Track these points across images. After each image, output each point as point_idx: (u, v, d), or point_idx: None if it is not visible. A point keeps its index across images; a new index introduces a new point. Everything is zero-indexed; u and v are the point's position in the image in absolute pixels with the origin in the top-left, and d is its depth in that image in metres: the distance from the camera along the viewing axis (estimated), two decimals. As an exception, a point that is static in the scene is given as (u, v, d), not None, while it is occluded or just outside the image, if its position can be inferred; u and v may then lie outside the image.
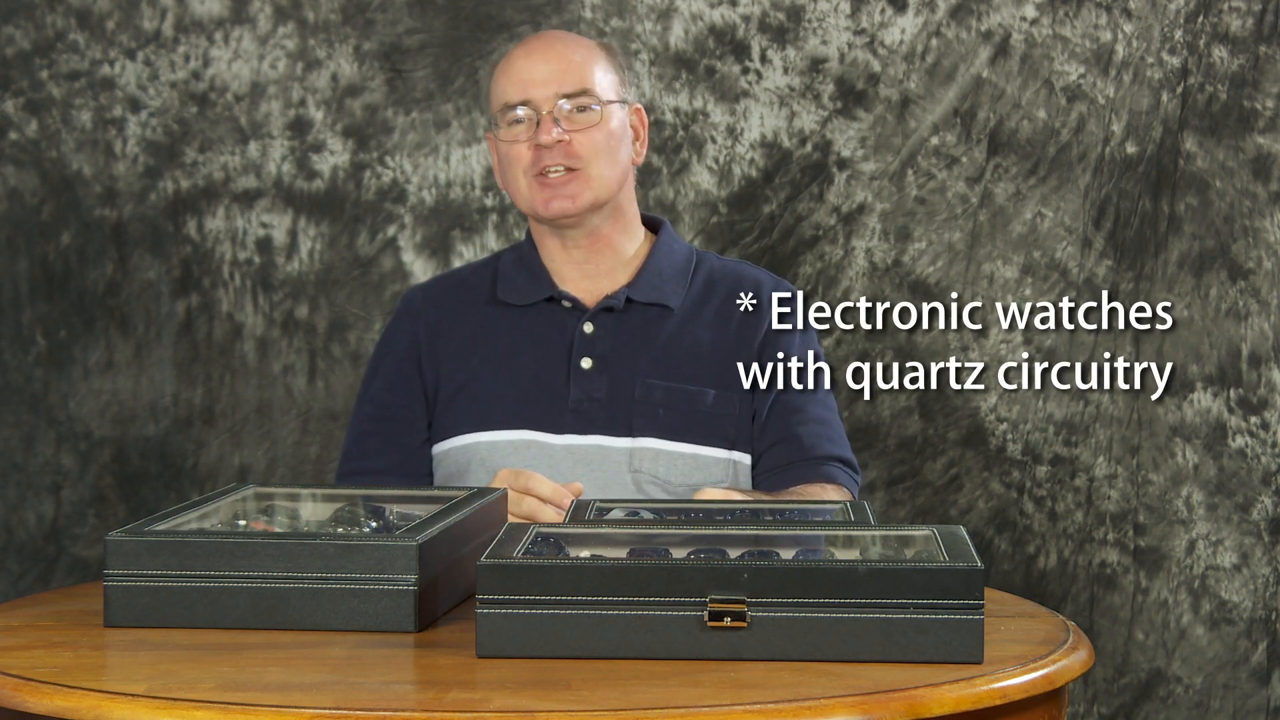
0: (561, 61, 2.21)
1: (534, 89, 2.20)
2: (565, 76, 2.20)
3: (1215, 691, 3.07)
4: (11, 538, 3.06)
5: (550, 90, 2.20)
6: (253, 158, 3.05)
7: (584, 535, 1.74)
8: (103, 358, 3.06)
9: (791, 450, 2.19)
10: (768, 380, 2.22)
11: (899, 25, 3.04)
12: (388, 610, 1.62)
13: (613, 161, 2.21)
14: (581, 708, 1.37)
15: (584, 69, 2.21)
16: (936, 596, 1.51)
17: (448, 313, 2.28)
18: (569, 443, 2.18)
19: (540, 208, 2.21)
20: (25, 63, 3.03)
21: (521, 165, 2.21)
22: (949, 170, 3.05)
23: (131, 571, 1.64)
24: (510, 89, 2.22)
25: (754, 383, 2.21)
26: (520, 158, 2.21)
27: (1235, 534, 3.05)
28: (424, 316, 2.29)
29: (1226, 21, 3.04)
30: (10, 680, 1.45)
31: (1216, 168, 3.05)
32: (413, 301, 2.32)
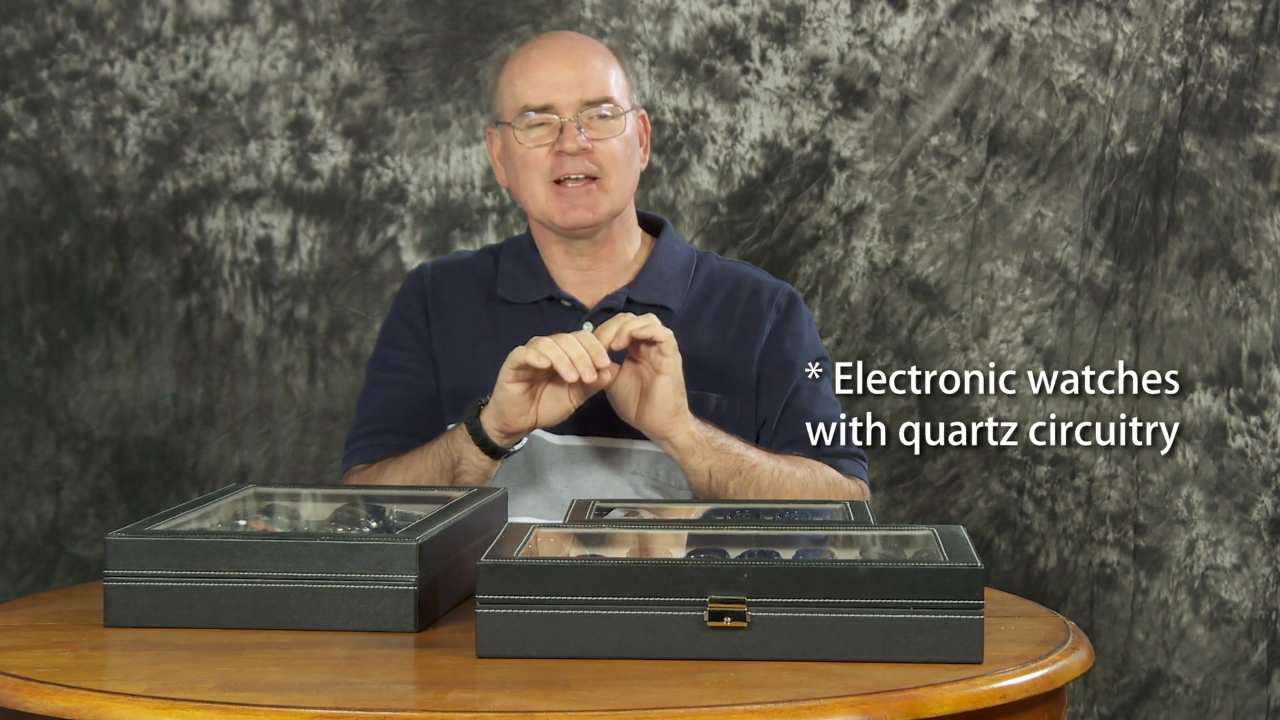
0: (585, 67, 2.19)
1: (557, 94, 2.17)
2: (589, 83, 2.18)
3: (1215, 691, 3.07)
4: (11, 538, 3.06)
5: (574, 96, 2.17)
6: (253, 158, 3.05)
7: (584, 535, 1.74)
8: (103, 358, 3.06)
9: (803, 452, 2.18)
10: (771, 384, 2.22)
11: (899, 25, 3.04)
12: (388, 610, 1.62)
13: (629, 170, 2.21)
14: (581, 708, 1.37)
15: (605, 75, 2.19)
16: (936, 596, 1.51)
17: (452, 298, 2.26)
18: (569, 443, 2.18)
19: (557, 217, 2.18)
20: (25, 63, 3.03)
21: (539, 171, 2.18)
22: (949, 170, 3.05)
23: (131, 571, 1.64)
24: (531, 92, 2.18)
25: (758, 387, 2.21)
26: (538, 163, 2.18)
27: (1235, 534, 3.05)
28: (431, 295, 2.27)
29: (1226, 21, 3.04)
30: (10, 680, 1.45)
31: (1216, 168, 3.05)
32: (422, 278, 2.30)
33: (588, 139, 2.16)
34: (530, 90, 2.18)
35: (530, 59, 2.21)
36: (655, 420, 2.02)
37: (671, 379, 2.00)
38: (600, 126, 2.18)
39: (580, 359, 1.96)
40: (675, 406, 2.01)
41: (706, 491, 2.07)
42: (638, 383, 2.02)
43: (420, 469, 2.09)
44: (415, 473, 2.10)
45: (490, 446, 2.03)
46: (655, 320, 2.00)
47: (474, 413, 2.04)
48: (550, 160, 2.17)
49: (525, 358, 1.97)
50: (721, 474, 2.05)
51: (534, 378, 2.00)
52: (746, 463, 2.07)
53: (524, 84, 2.19)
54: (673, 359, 2.00)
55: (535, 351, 1.97)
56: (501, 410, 2.01)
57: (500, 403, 2.01)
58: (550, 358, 1.96)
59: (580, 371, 1.96)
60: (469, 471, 2.05)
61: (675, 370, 2.01)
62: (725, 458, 2.05)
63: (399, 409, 2.21)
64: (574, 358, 1.96)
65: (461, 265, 2.31)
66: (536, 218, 2.22)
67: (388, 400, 2.23)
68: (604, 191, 2.18)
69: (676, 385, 2.01)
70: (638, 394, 2.02)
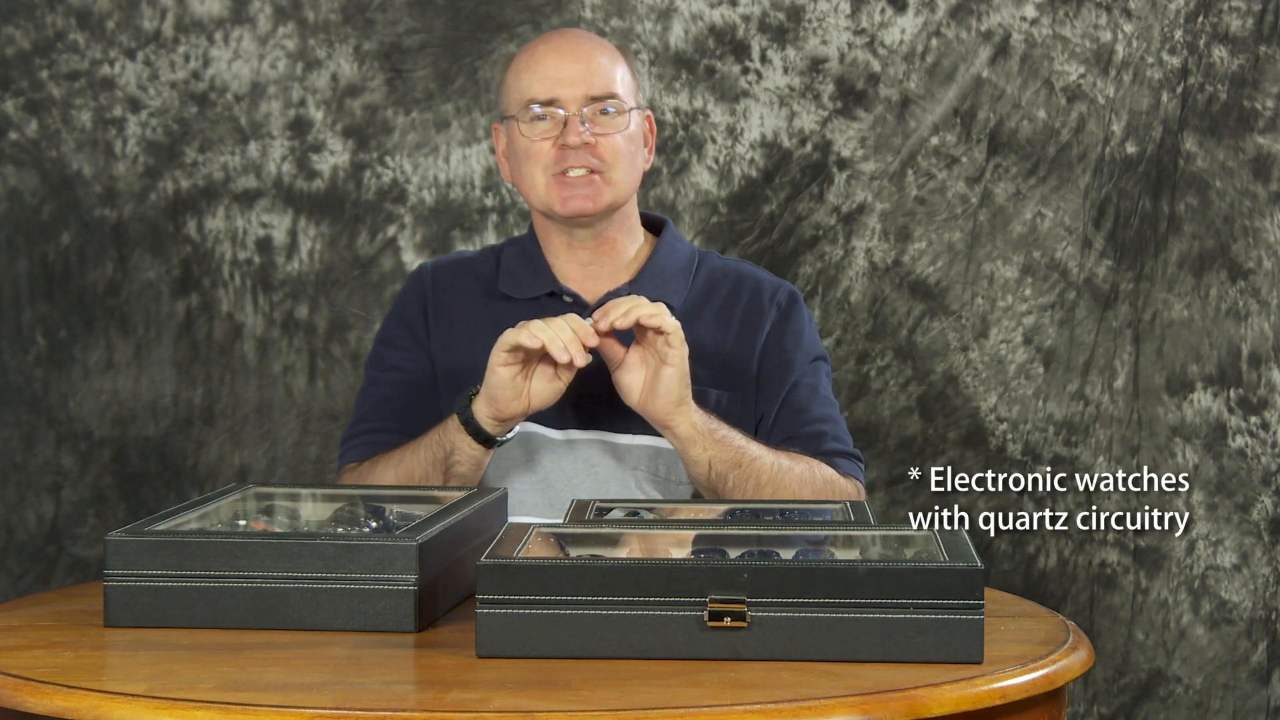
0: (590, 63, 2.20)
1: (562, 88, 2.19)
2: (594, 79, 2.19)
3: (1215, 691, 3.07)
4: (11, 538, 3.06)
5: (579, 91, 2.19)
6: (253, 158, 3.05)
7: (584, 535, 1.74)
8: (103, 358, 3.06)
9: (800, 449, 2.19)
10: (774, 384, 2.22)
11: (899, 25, 3.04)
12: (388, 610, 1.62)
13: (632, 166, 2.22)
14: (581, 708, 1.37)
15: (610, 72, 2.21)
16: (936, 596, 1.51)
17: (453, 296, 2.27)
18: (570, 438, 2.18)
19: (558, 205, 2.20)
20: (25, 63, 3.03)
21: (541, 163, 2.19)
22: (949, 170, 3.05)
23: (131, 571, 1.64)
24: (537, 86, 2.20)
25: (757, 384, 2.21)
26: (541, 155, 2.19)
27: (1235, 534, 3.05)
28: (431, 295, 2.28)
29: (1226, 21, 3.04)
30: (10, 680, 1.45)
31: (1216, 168, 3.05)
32: (422, 278, 2.31)
33: (591, 134, 2.17)
34: (535, 84, 2.20)
35: (537, 54, 2.22)
36: (659, 409, 2.03)
37: (677, 370, 2.01)
38: (604, 122, 2.19)
39: (571, 341, 1.98)
40: (679, 397, 2.02)
41: (706, 483, 2.07)
42: (643, 369, 2.03)
43: (413, 462, 2.10)
44: (408, 466, 2.11)
45: (483, 435, 2.04)
46: (665, 310, 2.01)
47: (465, 402, 2.05)
48: (553, 153, 2.18)
49: (517, 339, 1.99)
50: (721, 465, 2.06)
51: (526, 359, 2.01)
52: (747, 456, 2.07)
53: (529, 78, 2.21)
54: (679, 351, 2.01)
55: (527, 333, 1.99)
56: (494, 395, 2.02)
57: (492, 387, 2.02)
58: (543, 339, 1.98)
59: (572, 354, 1.98)
60: (462, 462, 2.06)
61: (681, 362, 2.02)
62: (726, 450, 2.06)
63: (393, 408, 2.21)
64: (565, 340, 1.97)
65: (462, 264, 2.31)
66: (538, 208, 2.23)
67: (382, 399, 2.24)
68: (606, 184, 2.19)
69: (681, 376, 2.02)
70: (642, 380, 2.03)
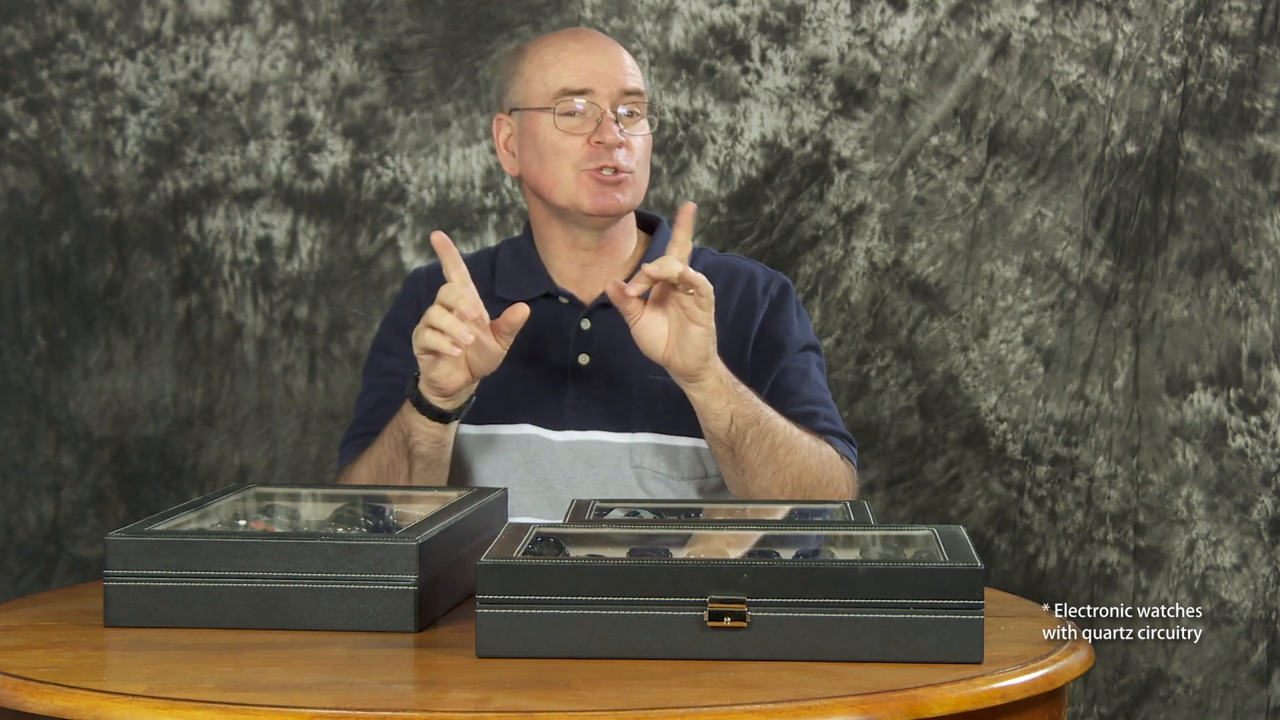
0: (621, 58, 2.21)
1: (597, 81, 2.18)
2: (625, 73, 2.20)
3: (1215, 691, 3.07)
4: (11, 538, 3.06)
5: (614, 87, 2.18)
6: (253, 158, 3.05)
7: (584, 535, 1.74)
8: (103, 358, 3.05)
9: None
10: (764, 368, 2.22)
11: (899, 25, 3.04)
12: (388, 610, 1.62)
13: (648, 168, 2.23)
14: (581, 708, 1.37)
15: (637, 70, 2.23)
16: (936, 596, 1.51)
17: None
18: (569, 439, 2.18)
19: (587, 201, 2.18)
20: (25, 63, 3.03)
21: (571, 159, 2.18)
22: (949, 170, 3.05)
23: (131, 571, 1.64)
24: (568, 76, 2.18)
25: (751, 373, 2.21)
26: (571, 150, 2.18)
27: (1235, 534, 3.05)
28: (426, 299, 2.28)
29: (1226, 21, 3.04)
30: (10, 680, 1.45)
31: (1216, 168, 3.05)
32: (418, 282, 2.31)
33: (623, 132, 2.18)
34: (568, 74, 2.18)
35: (567, 47, 2.21)
36: (687, 363, 2.02)
37: (706, 330, 2.01)
38: (630, 124, 2.19)
39: (452, 327, 1.97)
40: (707, 353, 2.02)
41: (725, 439, 2.06)
42: (666, 324, 2.03)
43: (379, 451, 2.12)
44: (376, 456, 2.12)
45: (434, 412, 2.05)
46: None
47: (412, 384, 2.06)
48: (586, 149, 2.17)
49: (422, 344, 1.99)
50: (741, 421, 2.05)
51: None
52: (765, 414, 2.08)
53: (560, 69, 2.19)
54: (709, 312, 2.01)
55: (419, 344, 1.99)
56: (431, 378, 2.04)
57: (426, 372, 2.04)
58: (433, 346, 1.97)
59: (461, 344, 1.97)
60: (421, 442, 2.07)
61: (710, 321, 2.01)
62: (747, 405, 2.06)
63: (388, 411, 2.21)
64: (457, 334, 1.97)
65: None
66: (559, 203, 2.21)
67: (376, 405, 2.24)
68: (631, 183, 2.19)
69: (709, 334, 2.02)
70: (666, 334, 2.03)
